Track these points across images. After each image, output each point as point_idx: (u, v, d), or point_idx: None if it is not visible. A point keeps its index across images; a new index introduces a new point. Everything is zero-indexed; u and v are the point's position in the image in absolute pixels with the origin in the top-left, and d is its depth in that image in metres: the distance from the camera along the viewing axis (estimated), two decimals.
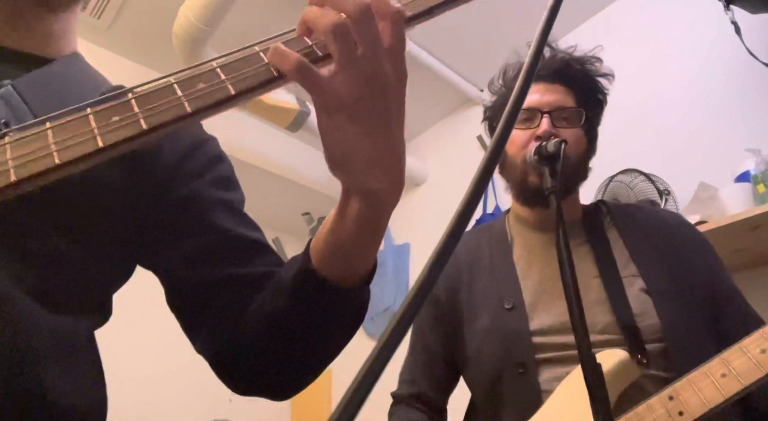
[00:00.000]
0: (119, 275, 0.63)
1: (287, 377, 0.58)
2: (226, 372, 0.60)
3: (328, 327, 0.54)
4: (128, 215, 0.59)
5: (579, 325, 0.67)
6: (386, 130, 0.44)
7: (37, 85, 0.55)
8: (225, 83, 0.40)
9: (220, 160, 0.68)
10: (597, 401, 0.61)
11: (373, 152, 0.44)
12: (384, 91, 0.42)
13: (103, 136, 0.36)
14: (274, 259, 0.63)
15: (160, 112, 0.38)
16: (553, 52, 1.13)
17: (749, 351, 0.76)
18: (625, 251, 1.04)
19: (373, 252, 0.52)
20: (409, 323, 0.26)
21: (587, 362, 0.64)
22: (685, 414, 0.77)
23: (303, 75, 0.40)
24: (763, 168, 1.49)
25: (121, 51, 2.36)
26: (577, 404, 0.85)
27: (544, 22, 0.37)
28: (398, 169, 0.46)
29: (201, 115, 0.39)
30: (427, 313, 1.15)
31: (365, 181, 0.46)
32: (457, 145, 2.71)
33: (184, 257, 0.61)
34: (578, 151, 1.09)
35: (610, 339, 0.94)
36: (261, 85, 0.41)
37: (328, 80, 0.42)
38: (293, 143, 2.84)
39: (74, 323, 0.53)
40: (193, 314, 0.62)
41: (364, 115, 0.42)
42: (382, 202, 0.47)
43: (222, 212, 0.63)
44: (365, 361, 0.25)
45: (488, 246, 1.15)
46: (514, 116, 0.33)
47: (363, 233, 0.48)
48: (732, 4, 1.26)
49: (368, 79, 0.41)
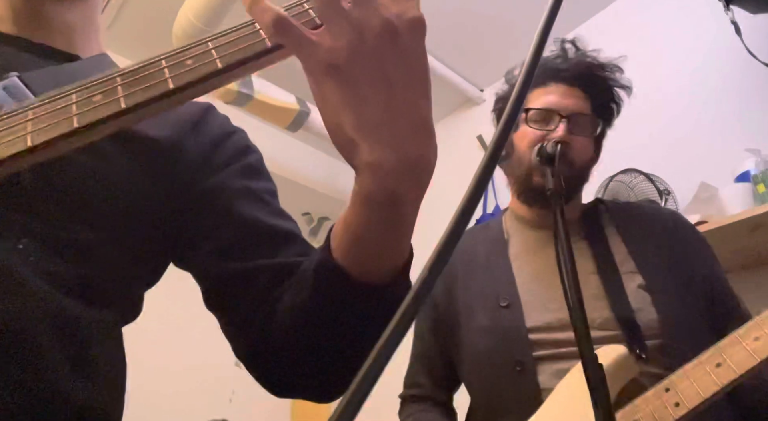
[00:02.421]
0: (150, 274, 0.62)
1: (322, 376, 0.53)
2: (260, 371, 0.56)
3: (354, 323, 0.47)
4: (154, 210, 0.58)
5: (580, 322, 0.67)
6: (389, 94, 0.36)
7: (49, 78, 0.54)
8: (214, 58, 0.37)
9: (248, 150, 0.66)
10: (599, 399, 0.61)
11: (374, 119, 0.37)
12: (383, 43, 0.35)
13: (79, 117, 0.35)
14: (305, 248, 0.60)
15: (141, 90, 0.36)
16: (579, 53, 1.12)
17: (743, 340, 0.77)
18: (623, 247, 1.04)
19: (397, 243, 0.44)
20: (410, 323, 0.26)
21: (588, 361, 0.64)
22: (681, 405, 0.77)
23: (282, 31, 0.36)
24: (763, 168, 1.49)
25: (121, 51, 2.35)
26: (578, 402, 0.85)
27: (544, 22, 0.37)
28: (413, 139, 0.38)
29: (186, 93, 0.37)
30: (426, 315, 1.15)
31: (367, 155, 0.38)
32: (457, 145, 2.71)
33: (214, 250, 0.58)
34: (585, 158, 1.09)
35: (608, 335, 0.94)
36: (252, 58, 0.38)
37: (314, 39, 0.36)
38: (293, 143, 2.84)
39: (99, 316, 0.52)
40: (225, 312, 0.59)
41: (358, 76, 0.36)
42: (391, 179, 0.39)
43: (248, 202, 0.61)
44: (365, 361, 0.25)
45: (484, 244, 1.15)
46: (514, 116, 0.33)
47: (374, 218, 0.41)
48: (732, 4, 1.26)
49: (361, 29, 0.35)
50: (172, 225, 0.60)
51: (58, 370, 0.46)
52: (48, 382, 0.45)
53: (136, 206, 0.57)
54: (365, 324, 0.47)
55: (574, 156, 1.05)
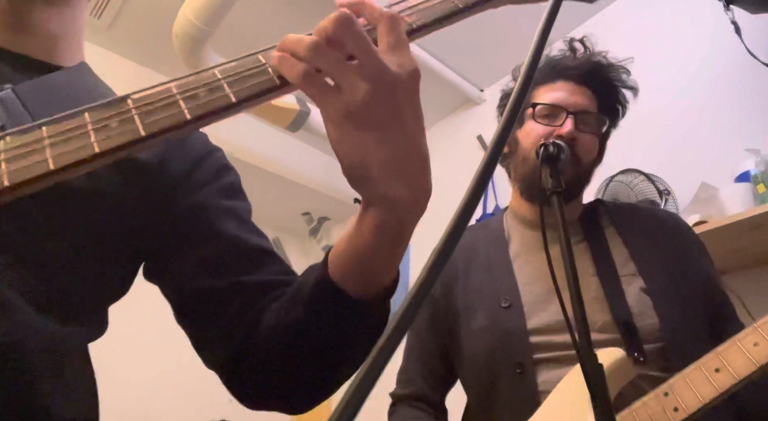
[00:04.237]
0: (121, 287, 0.62)
1: (301, 390, 0.56)
2: (237, 384, 0.59)
3: (345, 340, 0.52)
4: (135, 226, 0.58)
5: (581, 326, 0.67)
6: (400, 134, 0.42)
7: (39, 91, 0.55)
8: (226, 91, 0.39)
9: (227, 170, 0.68)
10: (599, 403, 0.61)
11: (390, 159, 0.42)
12: (393, 92, 0.41)
13: (100, 143, 0.35)
14: (282, 267, 0.62)
15: (158, 119, 0.37)
16: (587, 53, 1.12)
17: (743, 345, 0.76)
18: (624, 250, 1.04)
19: (395, 264, 0.49)
20: (409, 323, 0.26)
21: (588, 364, 0.64)
22: (680, 410, 0.77)
23: (308, 83, 0.40)
24: (763, 168, 1.49)
25: (121, 51, 2.36)
26: (576, 404, 0.85)
27: (544, 22, 0.37)
28: (421, 175, 0.44)
29: (200, 123, 0.38)
30: (424, 312, 1.14)
31: (385, 191, 0.43)
32: (457, 145, 2.70)
33: (192, 265, 0.60)
34: (590, 156, 1.09)
35: (608, 338, 0.93)
36: (263, 93, 0.40)
37: (335, 89, 0.41)
38: (293, 143, 2.84)
39: (74, 333, 0.52)
40: (202, 325, 0.60)
41: (373, 120, 0.41)
42: (404, 211, 0.45)
43: (229, 220, 0.62)
44: (365, 361, 0.25)
45: (484, 243, 1.14)
46: (514, 116, 0.33)
47: (383, 243, 0.46)
48: (732, 4, 1.26)
49: (373, 83, 0.40)
50: (150, 240, 0.60)
51: (43, 387, 0.46)
52: (34, 399, 0.45)
53: (117, 222, 0.57)
54: (355, 339, 0.51)
55: (581, 153, 1.05)
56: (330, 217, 3.16)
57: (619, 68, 1.12)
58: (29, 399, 0.45)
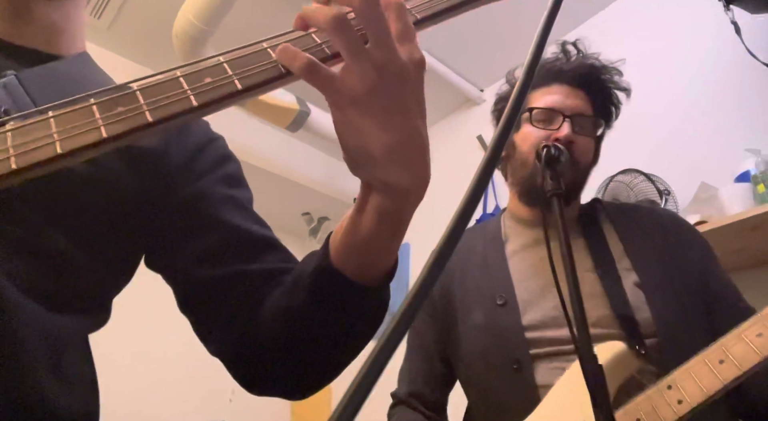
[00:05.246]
0: (122, 277, 0.62)
1: (303, 375, 0.57)
2: (241, 371, 0.59)
3: (346, 325, 0.52)
4: (135, 215, 0.58)
5: (579, 321, 0.67)
6: (403, 121, 0.42)
7: (41, 79, 0.55)
8: (232, 78, 0.39)
9: (228, 158, 0.68)
10: (598, 398, 0.61)
11: (391, 145, 0.42)
12: (400, 81, 0.41)
13: (107, 127, 0.35)
14: (284, 255, 0.63)
15: (165, 105, 0.37)
16: (581, 55, 1.13)
17: (746, 336, 0.76)
18: (619, 245, 1.04)
19: (394, 248, 0.50)
20: (409, 323, 0.26)
21: (587, 359, 0.64)
22: (684, 402, 0.76)
23: (312, 74, 0.40)
24: (763, 168, 1.49)
25: (121, 51, 2.36)
26: (576, 400, 0.85)
27: (544, 22, 0.37)
28: (420, 162, 0.44)
29: (206, 110, 0.38)
30: (423, 312, 1.14)
31: (385, 176, 0.44)
32: (457, 145, 2.70)
33: (194, 255, 0.60)
34: (587, 159, 1.09)
35: (606, 333, 0.93)
36: (268, 81, 0.40)
37: (339, 76, 0.41)
38: (293, 143, 2.84)
39: (72, 324, 0.52)
40: (205, 314, 0.61)
41: (378, 107, 0.41)
42: (404, 197, 0.45)
43: (231, 209, 0.63)
44: (365, 361, 0.25)
45: (482, 243, 1.15)
46: (514, 116, 0.33)
47: (383, 228, 0.47)
48: (732, 4, 1.26)
49: (381, 70, 0.40)
50: (151, 229, 0.60)
51: (40, 378, 0.46)
52: (31, 391, 0.45)
53: (117, 210, 0.57)
54: (357, 323, 0.52)
55: (578, 156, 1.05)
56: (330, 217, 3.16)
57: (612, 70, 1.13)
58: (25, 389, 0.45)
